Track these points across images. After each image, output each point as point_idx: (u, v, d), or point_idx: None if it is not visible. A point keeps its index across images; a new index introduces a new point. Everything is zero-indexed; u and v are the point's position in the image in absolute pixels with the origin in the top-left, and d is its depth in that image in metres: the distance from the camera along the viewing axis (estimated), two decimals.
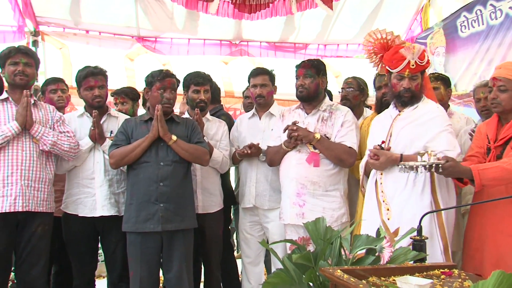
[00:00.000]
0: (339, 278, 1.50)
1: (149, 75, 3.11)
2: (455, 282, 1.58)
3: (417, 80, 2.72)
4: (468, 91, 4.70)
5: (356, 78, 3.70)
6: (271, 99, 3.55)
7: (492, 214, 2.54)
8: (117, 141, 3.01)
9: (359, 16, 5.71)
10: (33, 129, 2.94)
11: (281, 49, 6.02)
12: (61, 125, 3.12)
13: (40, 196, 2.97)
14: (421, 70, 2.73)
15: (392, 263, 1.72)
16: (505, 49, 4.37)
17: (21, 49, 3.03)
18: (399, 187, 2.64)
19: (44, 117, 3.07)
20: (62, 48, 5.46)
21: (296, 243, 1.84)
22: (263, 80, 3.47)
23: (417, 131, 2.67)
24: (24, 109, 2.89)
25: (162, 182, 2.93)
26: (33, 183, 2.94)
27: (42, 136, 2.96)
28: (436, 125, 2.68)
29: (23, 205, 2.87)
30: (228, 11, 4.84)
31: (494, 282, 0.90)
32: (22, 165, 2.91)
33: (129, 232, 2.97)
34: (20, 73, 2.97)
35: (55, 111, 3.18)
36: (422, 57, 2.69)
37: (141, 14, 5.33)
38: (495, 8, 4.49)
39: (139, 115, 3.33)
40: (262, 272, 3.60)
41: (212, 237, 3.42)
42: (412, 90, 2.71)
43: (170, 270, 2.97)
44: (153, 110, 3.04)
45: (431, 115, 2.71)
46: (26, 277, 2.93)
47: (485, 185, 2.45)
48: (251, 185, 3.42)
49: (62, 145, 3.01)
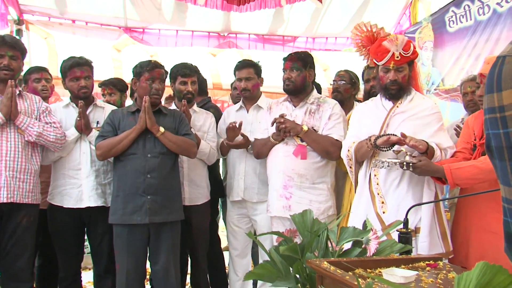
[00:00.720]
0: (326, 270, 1.50)
1: (137, 65, 3.08)
2: (440, 273, 1.60)
3: (403, 71, 2.70)
4: (456, 86, 4.73)
5: (348, 71, 3.70)
6: (257, 92, 3.53)
7: (476, 210, 2.58)
8: (103, 132, 2.98)
9: (348, 10, 5.70)
10: (18, 119, 2.90)
11: (270, 42, 6.00)
12: (47, 116, 3.08)
13: (25, 188, 2.94)
14: (407, 61, 2.70)
15: (378, 255, 1.74)
16: (492, 44, 4.40)
17: (7, 41, 2.96)
18: (395, 181, 2.66)
19: (30, 108, 3.03)
20: (47, 38, 5.36)
21: (283, 235, 1.84)
22: (248, 74, 3.45)
23: (417, 125, 2.67)
24: (9, 100, 2.84)
25: (149, 174, 2.91)
26: (18, 174, 2.90)
27: (27, 127, 2.92)
28: (436, 122, 2.71)
29: (7, 196, 2.85)
30: (217, 3, 4.81)
31: (478, 273, 0.91)
32: (6, 156, 2.88)
33: (116, 224, 2.95)
34: (6, 67, 2.92)
35: (41, 102, 3.14)
36: (407, 48, 2.67)
37: (129, 4, 5.27)
38: (483, 4, 4.52)
39: (126, 106, 3.29)
40: (249, 264, 3.61)
41: (198, 229, 3.42)
42: (399, 82, 2.70)
43: (157, 262, 2.97)
44: (140, 101, 3.01)
45: (430, 111, 2.72)
46: (11, 269, 2.91)
47: (458, 184, 2.49)
48: (240, 178, 3.42)
49: (48, 136, 2.98)
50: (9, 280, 2.92)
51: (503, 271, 0.95)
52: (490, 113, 1.00)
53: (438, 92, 5.04)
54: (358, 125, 2.88)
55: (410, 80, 2.75)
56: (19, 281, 2.92)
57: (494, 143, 0.94)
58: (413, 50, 2.70)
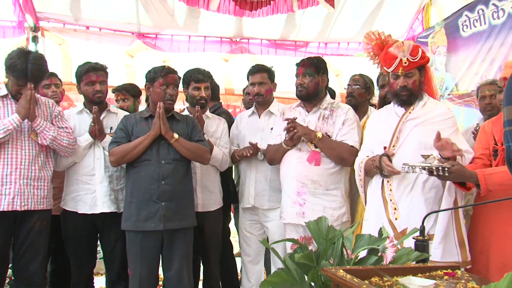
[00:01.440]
0: (342, 278, 1.48)
1: (151, 70, 3.07)
2: (458, 283, 1.56)
3: (413, 77, 2.66)
4: (469, 91, 4.68)
5: (363, 76, 3.67)
6: (270, 97, 3.51)
7: (496, 217, 2.52)
8: (117, 138, 2.98)
9: (360, 15, 5.69)
10: (35, 122, 2.91)
11: (282, 47, 5.99)
12: (59, 121, 3.10)
13: (40, 194, 2.95)
14: (416, 66, 2.66)
15: (394, 263, 1.70)
16: (507, 49, 4.34)
17: (28, 76, 2.88)
18: (408, 187, 2.62)
19: (44, 113, 3.04)
20: (62, 44, 5.42)
21: (298, 242, 1.81)
22: (261, 78, 3.44)
23: (430, 131, 2.57)
24: (28, 102, 2.85)
25: (163, 180, 2.91)
26: (32, 181, 2.92)
27: (43, 130, 2.93)
28: (450, 127, 2.65)
29: (21, 205, 2.86)
30: (229, 8, 4.82)
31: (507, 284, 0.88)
32: (21, 164, 2.89)
33: (129, 231, 2.94)
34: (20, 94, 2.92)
35: (54, 106, 3.15)
36: (414, 53, 2.63)
37: (142, 10, 5.30)
38: (498, 8, 4.47)
39: (138, 111, 3.30)
40: (262, 271, 3.58)
41: (211, 235, 3.40)
42: (409, 88, 2.66)
43: (170, 268, 2.96)
44: (153, 107, 3.01)
45: (444, 116, 2.68)
46: (24, 272, 2.92)
47: (491, 190, 2.40)
48: (250, 185, 3.40)
49: (61, 140, 2.99)
50: (22, 284, 2.94)
51: None
52: (510, 125, 0.97)
53: (451, 97, 4.99)
54: (372, 135, 2.86)
55: (421, 85, 2.70)
56: (32, 285, 2.93)
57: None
58: (422, 55, 2.65)
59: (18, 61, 2.86)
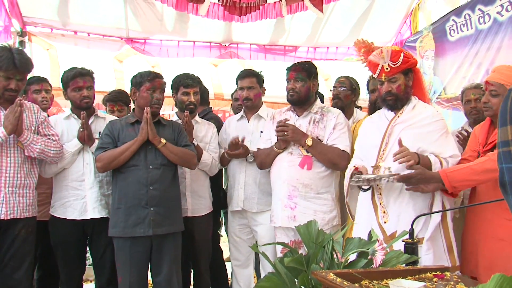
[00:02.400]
0: (332, 281, 1.48)
1: (137, 75, 3.06)
2: (447, 284, 1.57)
3: (397, 82, 2.65)
4: (457, 94, 4.72)
5: (348, 78, 3.70)
6: (259, 101, 3.52)
7: (483, 218, 2.56)
8: (103, 144, 2.95)
9: (349, 19, 5.72)
10: (23, 136, 2.85)
11: (271, 52, 6.01)
12: (45, 128, 3.05)
13: (25, 202, 2.91)
14: (399, 71, 2.64)
15: (384, 266, 1.71)
16: (493, 53, 4.40)
17: (17, 65, 2.83)
18: (397, 191, 2.63)
19: (29, 119, 2.99)
20: (50, 49, 5.37)
21: (288, 246, 1.81)
22: (250, 83, 3.44)
23: (418, 134, 2.62)
24: (16, 119, 2.78)
25: (152, 185, 2.89)
26: (17, 189, 2.88)
27: (30, 143, 2.88)
28: (438, 130, 2.65)
29: (7, 213, 2.82)
30: (218, 13, 4.83)
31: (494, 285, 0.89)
32: (6, 172, 2.85)
33: (117, 237, 2.92)
34: (11, 90, 2.86)
35: (40, 112, 3.10)
36: (394, 59, 2.62)
37: (131, 15, 5.28)
38: (483, 13, 4.53)
39: (124, 116, 3.26)
40: (252, 275, 3.57)
41: (201, 240, 3.39)
42: (394, 93, 2.66)
43: (159, 273, 2.94)
44: (140, 112, 3.00)
45: (432, 119, 2.67)
46: (9, 281, 2.86)
47: (456, 186, 2.48)
48: (240, 188, 3.40)
49: (48, 151, 2.95)
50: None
51: None
52: (504, 147, 0.98)
53: (439, 101, 5.03)
54: (363, 141, 2.88)
55: (407, 89, 2.69)
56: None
57: (508, 177, 0.90)
58: (404, 59, 2.63)
59: (3, 53, 2.82)
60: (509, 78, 2.57)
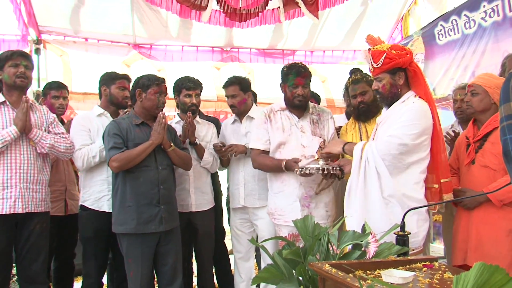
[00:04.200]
0: (327, 272, 1.49)
1: (143, 77, 3.00)
2: (436, 273, 1.58)
3: (382, 81, 2.55)
4: (446, 95, 4.73)
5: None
6: (244, 107, 3.44)
7: (478, 207, 2.59)
8: (116, 144, 2.86)
9: (343, 25, 5.73)
10: (32, 133, 2.87)
11: (270, 55, 6.02)
12: (55, 127, 3.06)
13: (38, 197, 2.91)
14: (382, 71, 2.53)
15: (377, 257, 1.72)
16: (478, 56, 4.42)
17: (21, 52, 2.96)
18: None
19: (39, 120, 3.00)
20: (63, 55, 5.42)
21: (286, 239, 1.82)
22: (233, 91, 3.41)
23: (383, 131, 2.55)
24: (24, 115, 2.81)
25: (161, 185, 2.90)
26: (31, 185, 2.88)
27: (40, 139, 2.89)
28: (400, 117, 2.48)
29: (22, 207, 2.82)
30: (220, 20, 4.84)
31: (476, 273, 0.90)
32: (20, 169, 2.85)
33: (127, 234, 2.88)
34: (22, 74, 2.88)
35: (49, 113, 3.10)
36: (375, 60, 2.54)
37: (137, 22, 5.31)
38: (469, 18, 4.54)
39: (124, 116, 3.10)
40: (253, 267, 3.57)
41: (205, 234, 3.39)
42: (380, 92, 2.58)
43: (166, 264, 2.95)
44: (145, 113, 2.96)
45: (400, 112, 2.50)
46: (27, 272, 2.89)
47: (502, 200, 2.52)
48: (240, 186, 3.37)
49: (59, 147, 2.96)
50: (26, 283, 2.91)
51: (500, 271, 0.93)
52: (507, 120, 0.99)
53: None
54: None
55: (393, 88, 2.55)
56: (35, 283, 2.91)
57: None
58: (385, 60, 2.51)
59: (6, 50, 2.94)
60: (487, 81, 2.68)
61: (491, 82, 2.66)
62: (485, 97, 2.63)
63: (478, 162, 2.61)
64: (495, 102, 2.61)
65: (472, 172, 2.64)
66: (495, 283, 0.93)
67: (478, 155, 2.61)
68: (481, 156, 2.60)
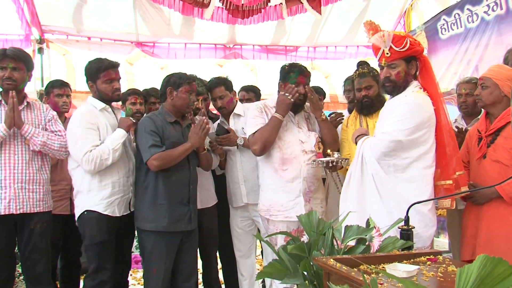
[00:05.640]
0: (332, 266, 1.50)
1: (175, 75, 2.96)
2: (440, 267, 1.59)
3: (396, 68, 2.43)
4: (449, 89, 4.72)
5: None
6: (232, 105, 3.45)
7: (488, 203, 2.57)
8: (156, 141, 2.80)
9: (346, 20, 5.72)
10: (23, 129, 2.81)
11: (273, 52, 6.01)
12: (53, 124, 2.99)
13: (35, 197, 2.87)
14: (401, 57, 2.41)
15: (381, 252, 1.73)
16: (481, 50, 4.41)
17: (7, 54, 2.80)
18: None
19: (37, 118, 2.95)
20: (66, 54, 5.44)
21: (290, 234, 1.83)
22: (219, 92, 3.39)
23: (379, 125, 2.52)
24: (11, 111, 2.74)
25: (191, 185, 2.94)
26: (27, 185, 2.84)
27: (32, 136, 2.83)
28: (394, 111, 2.42)
29: (16, 208, 2.80)
30: (222, 17, 4.84)
31: (479, 265, 0.90)
32: (15, 169, 2.82)
33: (155, 231, 2.84)
34: (7, 79, 2.80)
35: (49, 110, 3.04)
36: (398, 43, 2.38)
37: (140, 20, 5.31)
38: (472, 12, 4.52)
39: (156, 113, 2.98)
40: (254, 264, 3.58)
41: (209, 230, 3.40)
42: (392, 79, 2.44)
43: (185, 261, 2.98)
44: (176, 112, 2.95)
45: (398, 104, 2.43)
46: (32, 272, 2.89)
47: None
48: (241, 184, 3.37)
49: (52, 144, 2.87)
50: (31, 284, 2.90)
51: (503, 263, 0.94)
52: None
53: None
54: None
55: (407, 77, 2.45)
56: (40, 284, 2.88)
57: None
58: (410, 46, 2.40)
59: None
60: (497, 74, 2.60)
61: (502, 74, 2.58)
62: (495, 90, 2.56)
63: (489, 157, 2.56)
64: (506, 95, 2.52)
65: (483, 167, 2.59)
66: (498, 275, 0.94)
67: (490, 149, 2.56)
68: (493, 151, 2.55)
